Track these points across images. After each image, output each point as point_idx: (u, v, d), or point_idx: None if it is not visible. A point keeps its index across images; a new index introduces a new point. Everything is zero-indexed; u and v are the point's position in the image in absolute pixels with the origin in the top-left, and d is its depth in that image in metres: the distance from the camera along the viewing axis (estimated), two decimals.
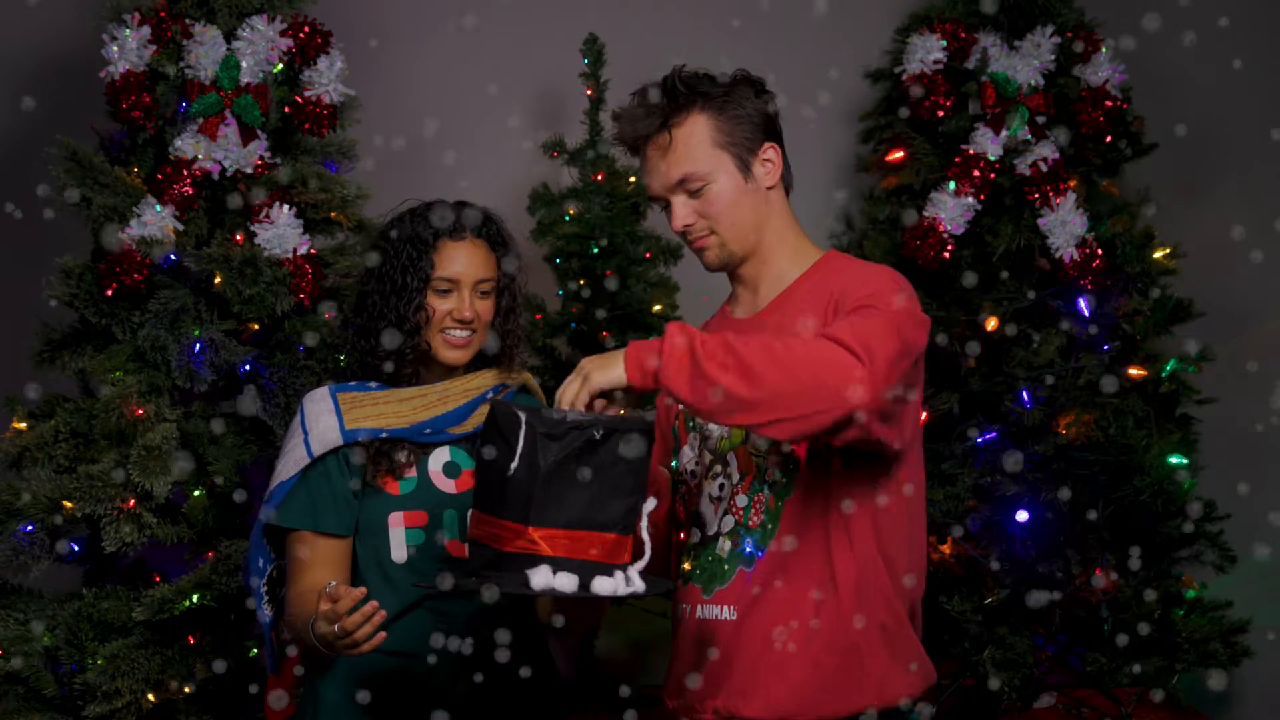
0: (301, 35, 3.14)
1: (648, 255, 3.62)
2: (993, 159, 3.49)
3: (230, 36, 3.11)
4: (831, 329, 1.93)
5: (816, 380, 1.86)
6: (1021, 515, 3.37)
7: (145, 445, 2.89)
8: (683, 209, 2.13)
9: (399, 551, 2.33)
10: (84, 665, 2.92)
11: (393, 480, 2.35)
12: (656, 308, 3.60)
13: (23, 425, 3.06)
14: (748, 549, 2.10)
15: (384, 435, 2.34)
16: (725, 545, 2.13)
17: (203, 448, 3.00)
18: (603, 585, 1.92)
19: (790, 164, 2.20)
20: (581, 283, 3.56)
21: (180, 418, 3.01)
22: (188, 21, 3.10)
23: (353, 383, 2.41)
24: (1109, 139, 3.55)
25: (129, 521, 2.90)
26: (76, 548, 3.04)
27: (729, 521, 2.13)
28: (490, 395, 2.44)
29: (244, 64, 3.09)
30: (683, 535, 2.22)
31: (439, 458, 2.39)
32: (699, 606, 2.14)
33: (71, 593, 3.05)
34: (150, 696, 2.92)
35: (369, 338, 2.38)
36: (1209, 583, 3.49)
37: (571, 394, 1.94)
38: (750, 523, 2.10)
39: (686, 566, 2.18)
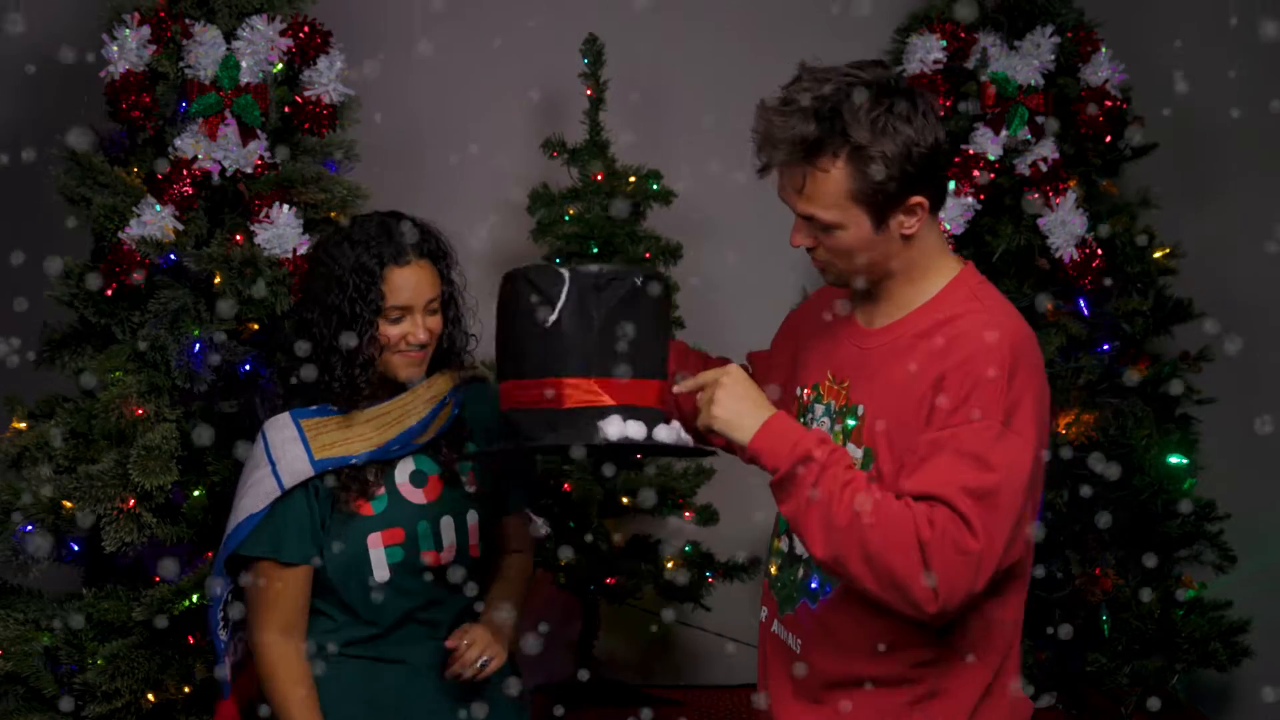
0: (301, 35, 3.14)
1: (647, 255, 3.62)
2: (992, 159, 3.49)
3: (230, 36, 3.10)
4: (921, 484, 1.84)
5: (883, 586, 1.82)
6: None
7: (145, 445, 2.89)
8: (804, 232, 1.99)
9: (381, 571, 2.33)
10: (84, 665, 2.92)
11: (364, 502, 2.34)
12: None
13: (22, 425, 3.06)
14: (813, 584, 2.05)
15: (354, 461, 2.32)
16: (800, 572, 2.08)
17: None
18: (664, 433, 1.96)
19: (941, 189, 2.00)
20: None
21: (180, 417, 3.01)
22: (187, 21, 3.10)
23: (313, 408, 2.37)
24: (1109, 139, 3.55)
25: (130, 521, 2.90)
26: (76, 547, 3.04)
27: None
28: (449, 397, 2.43)
29: (244, 64, 3.08)
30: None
31: (404, 469, 2.39)
32: (774, 622, 2.12)
33: (71, 593, 3.05)
34: (150, 696, 2.92)
35: (320, 367, 2.33)
36: (1209, 582, 3.49)
37: (695, 396, 1.97)
38: None
39: (773, 570, 2.15)
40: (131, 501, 2.90)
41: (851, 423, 2.02)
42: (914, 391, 1.91)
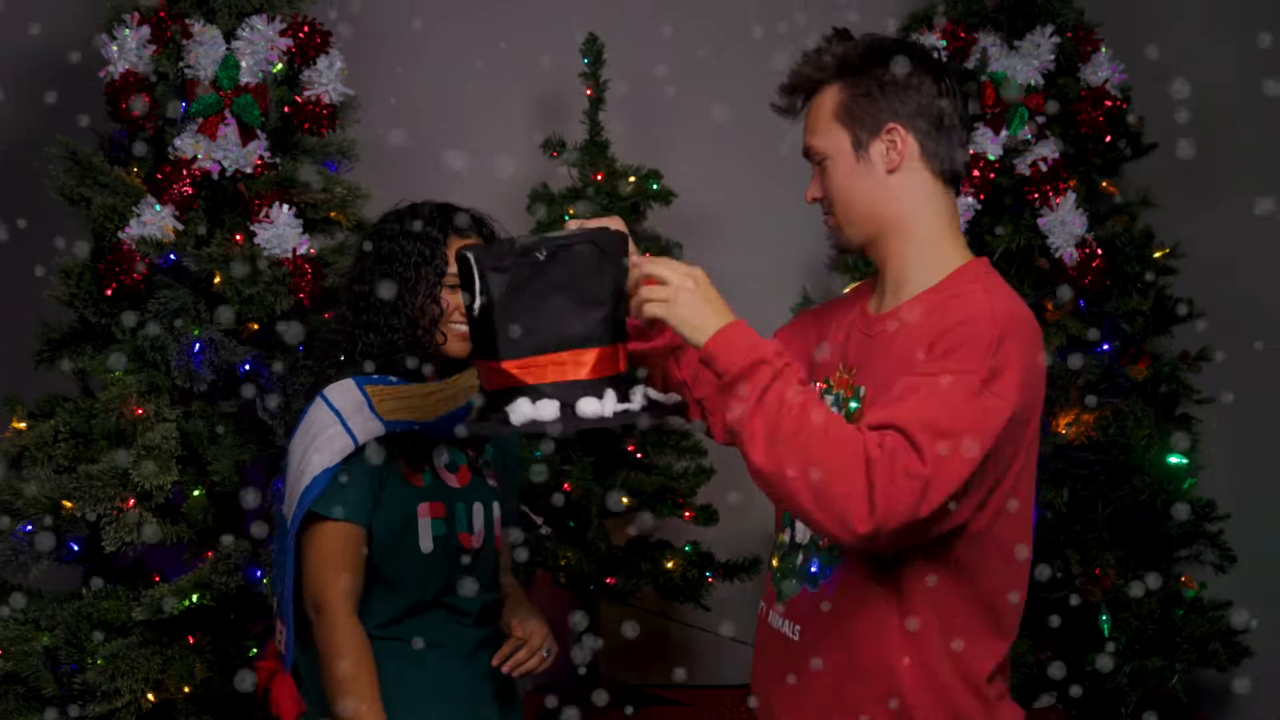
0: (301, 35, 3.14)
1: (646, 255, 3.61)
2: (992, 159, 3.49)
3: (230, 36, 3.10)
4: (882, 415, 1.80)
5: (817, 500, 1.76)
6: None
7: (145, 445, 2.89)
8: (813, 183, 2.03)
9: (426, 542, 2.36)
10: (84, 665, 2.92)
11: (415, 474, 2.38)
12: None
13: (22, 425, 3.06)
14: (813, 569, 2.02)
15: (416, 428, 2.36)
16: (799, 558, 2.05)
17: (202, 447, 3.00)
18: (588, 407, 1.86)
19: (947, 155, 1.99)
20: None
21: (180, 417, 3.01)
22: (187, 21, 3.10)
23: (374, 375, 2.41)
24: (1109, 139, 3.55)
25: (132, 521, 2.90)
26: (76, 547, 3.04)
27: (806, 533, 2.04)
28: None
29: (243, 64, 3.08)
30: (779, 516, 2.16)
31: (440, 456, 2.43)
32: (770, 614, 2.08)
33: (71, 592, 3.05)
34: (150, 696, 2.92)
35: (384, 332, 2.39)
36: (1209, 582, 3.49)
37: (641, 299, 1.91)
38: (821, 542, 2.01)
39: (774, 563, 2.12)
40: (131, 501, 2.90)
41: (854, 405, 2.01)
42: (909, 360, 1.89)
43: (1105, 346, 3.50)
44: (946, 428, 1.77)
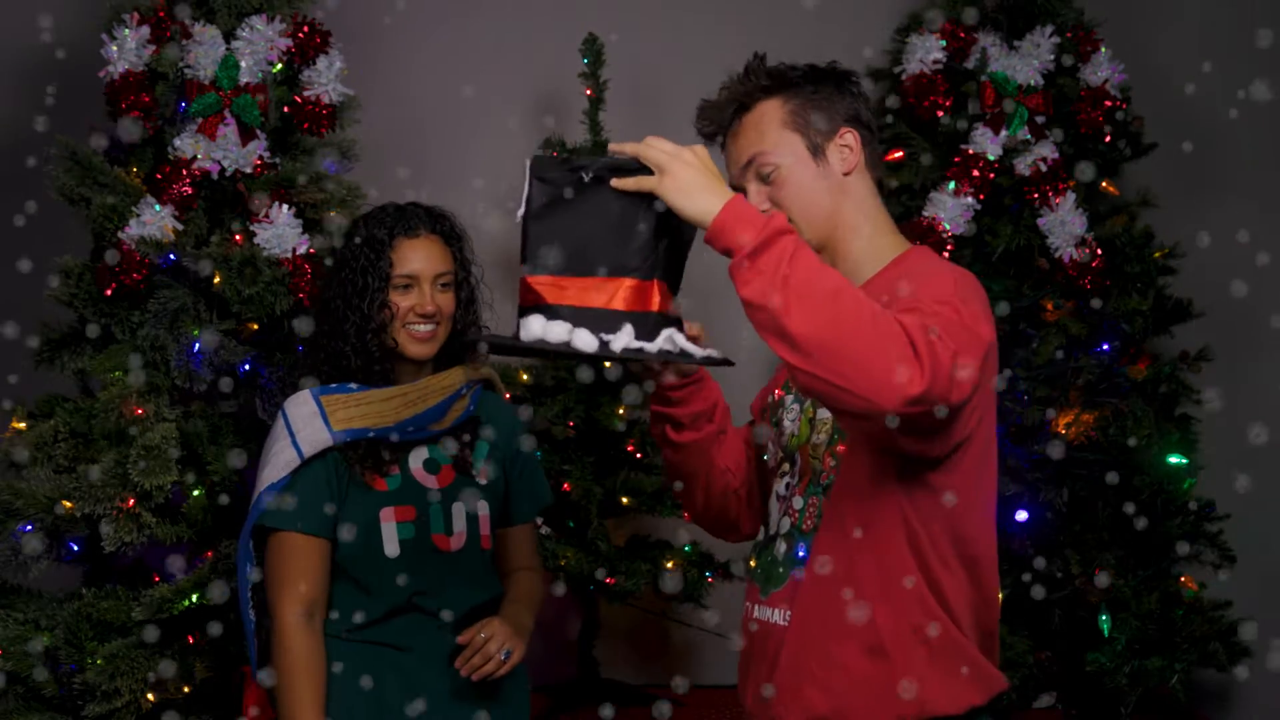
0: (300, 35, 3.14)
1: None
2: (992, 159, 3.49)
3: (229, 36, 3.10)
4: (902, 315, 1.79)
5: (867, 357, 1.71)
6: (1021, 515, 3.37)
7: (145, 445, 2.89)
8: (755, 195, 2.04)
9: (391, 546, 2.37)
10: (83, 665, 2.92)
11: (379, 478, 2.39)
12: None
13: (22, 425, 3.06)
14: (800, 553, 2.04)
15: (371, 434, 2.37)
16: (781, 548, 2.08)
17: (201, 447, 3.00)
18: (586, 338, 1.79)
19: (877, 157, 2.12)
20: None
21: (180, 417, 3.01)
22: (187, 21, 3.10)
23: (332, 385, 2.42)
24: (1108, 139, 3.55)
25: (130, 521, 2.90)
26: (76, 547, 3.04)
27: (786, 523, 2.08)
28: (463, 391, 2.48)
29: (243, 64, 3.08)
30: (760, 527, 2.20)
31: (418, 456, 2.44)
32: (756, 608, 2.10)
33: (71, 593, 3.05)
34: (150, 696, 2.92)
35: (337, 339, 2.41)
36: (1208, 582, 3.49)
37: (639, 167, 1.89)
38: (804, 526, 2.05)
39: (752, 564, 2.16)
40: (131, 501, 2.90)
41: None
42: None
43: (1105, 347, 3.50)
44: (945, 332, 1.79)
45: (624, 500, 3.54)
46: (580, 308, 1.83)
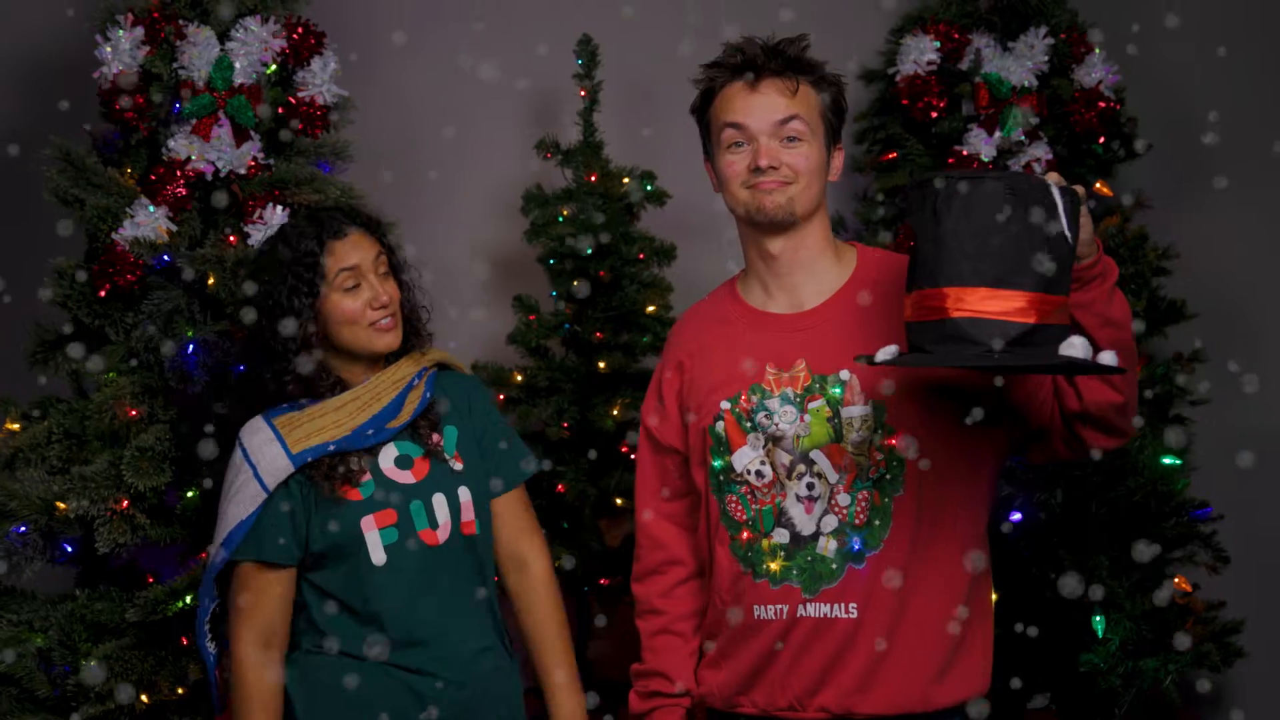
0: (295, 36, 3.14)
1: (641, 256, 3.61)
2: (986, 160, 3.49)
3: (223, 37, 3.10)
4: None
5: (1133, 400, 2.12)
6: (1015, 516, 3.37)
7: (139, 446, 2.89)
8: (775, 147, 2.25)
9: (377, 554, 2.34)
10: (77, 666, 2.92)
11: (352, 488, 2.35)
12: (650, 309, 3.59)
13: (16, 426, 3.05)
14: (856, 547, 2.18)
15: (331, 449, 2.34)
16: (830, 545, 2.19)
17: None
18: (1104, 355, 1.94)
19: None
20: (575, 283, 3.55)
21: (174, 418, 3.01)
22: (181, 22, 3.10)
23: (284, 405, 2.40)
24: (1102, 140, 3.55)
25: (123, 522, 2.90)
26: (70, 549, 3.04)
27: (831, 521, 2.19)
28: (415, 381, 2.45)
29: (237, 65, 3.08)
30: (745, 535, 2.26)
31: (387, 455, 2.40)
32: (803, 605, 2.19)
33: (65, 594, 3.05)
34: (144, 698, 2.92)
35: (276, 361, 2.38)
36: (1203, 583, 3.50)
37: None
38: (856, 520, 2.18)
39: (775, 568, 2.22)
40: (125, 502, 2.90)
41: (837, 390, 2.21)
42: (886, 310, 2.16)
43: None
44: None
45: (618, 501, 3.54)
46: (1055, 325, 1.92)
